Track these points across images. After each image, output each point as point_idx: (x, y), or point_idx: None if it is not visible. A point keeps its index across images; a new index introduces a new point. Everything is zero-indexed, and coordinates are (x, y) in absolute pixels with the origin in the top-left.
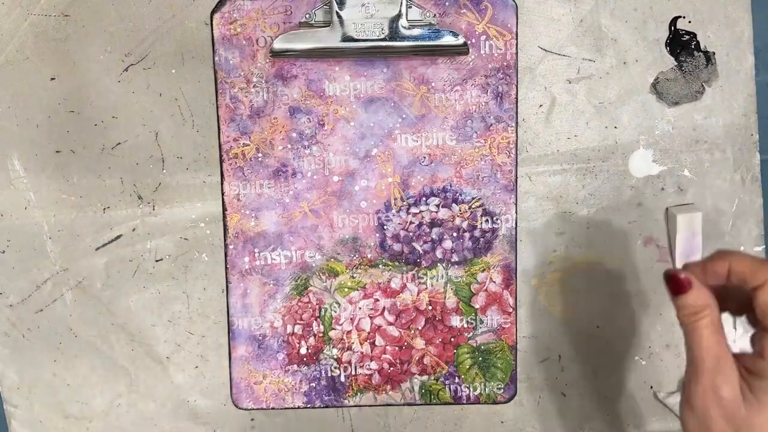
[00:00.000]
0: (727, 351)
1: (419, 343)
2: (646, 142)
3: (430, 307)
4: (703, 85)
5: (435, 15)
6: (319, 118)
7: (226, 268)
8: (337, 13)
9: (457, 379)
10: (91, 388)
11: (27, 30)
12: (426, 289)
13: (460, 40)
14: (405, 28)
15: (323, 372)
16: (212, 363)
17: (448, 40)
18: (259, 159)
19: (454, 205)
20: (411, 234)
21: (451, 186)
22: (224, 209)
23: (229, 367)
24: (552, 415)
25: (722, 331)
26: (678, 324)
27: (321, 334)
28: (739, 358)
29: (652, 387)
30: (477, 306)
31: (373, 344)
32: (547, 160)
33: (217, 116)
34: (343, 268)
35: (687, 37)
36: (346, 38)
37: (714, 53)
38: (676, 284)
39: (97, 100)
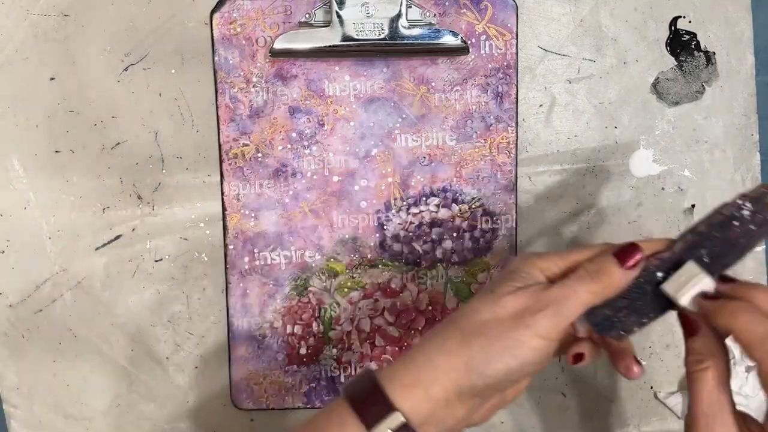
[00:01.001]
0: (728, 411)
1: None
2: (646, 142)
3: (430, 308)
4: (703, 85)
5: (435, 15)
6: (318, 118)
7: (226, 268)
8: (336, 12)
9: None
10: (91, 388)
11: (26, 30)
12: (426, 289)
13: (460, 40)
14: (405, 27)
15: (323, 372)
16: (212, 363)
17: (447, 39)
18: (259, 159)
19: (454, 205)
20: (411, 234)
21: (451, 186)
22: (224, 209)
23: (229, 367)
24: (552, 415)
25: (726, 386)
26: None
27: (321, 335)
28: (746, 419)
29: (652, 387)
30: None
31: (372, 344)
32: (547, 160)
33: (217, 116)
34: (343, 268)
35: (687, 37)
36: (346, 38)
37: (714, 53)
38: (687, 324)
39: (97, 100)
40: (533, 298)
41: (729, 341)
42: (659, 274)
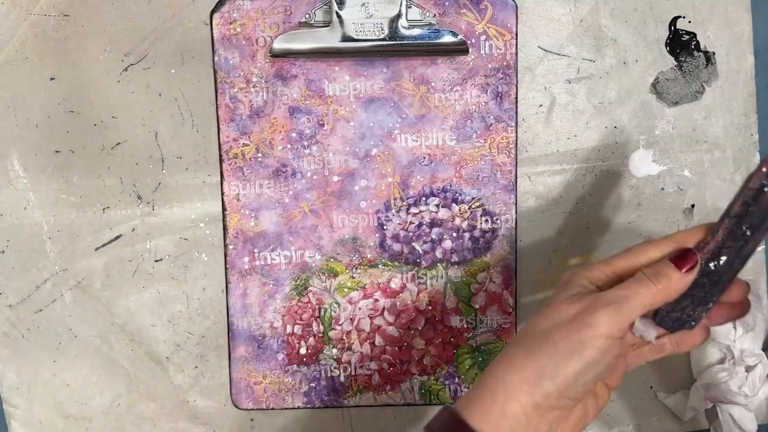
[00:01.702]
0: None
1: (419, 343)
2: (646, 142)
3: (429, 308)
4: (702, 85)
5: (435, 15)
6: (318, 118)
7: (226, 268)
8: (336, 13)
9: (457, 379)
10: (90, 388)
11: (26, 30)
12: (426, 289)
13: (460, 40)
14: (405, 28)
15: (323, 372)
16: (212, 363)
17: (447, 39)
18: (259, 159)
19: (453, 205)
20: (411, 234)
21: (450, 186)
22: (224, 209)
23: (229, 367)
24: None
25: None
26: None
27: (321, 335)
28: None
29: (652, 387)
30: (477, 306)
31: (372, 344)
32: (547, 160)
33: (217, 116)
34: (343, 268)
35: (687, 37)
36: (346, 38)
37: (714, 53)
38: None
39: (97, 100)
40: (590, 299)
41: (730, 342)
42: (711, 265)
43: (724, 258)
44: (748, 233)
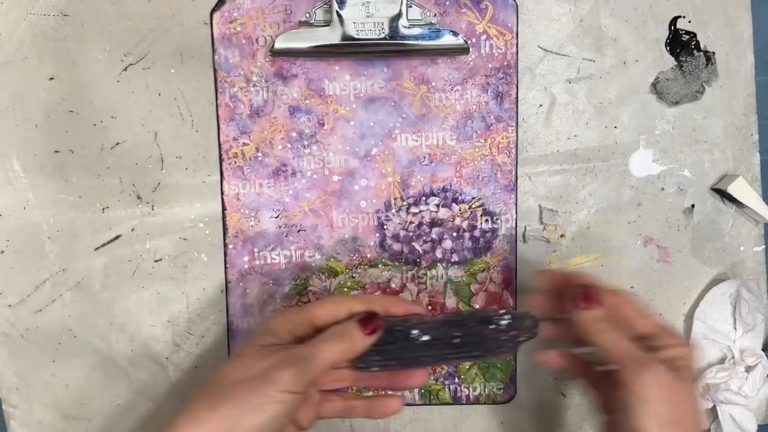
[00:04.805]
0: None
1: None
2: (646, 141)
3: (429, 308)
4: (703, 85)
5: (435, 14)
6: (318, 118)
7: (226, 268)
8: (337, 12)
9: (456, 380)
10: (90, 388)
11: (26, 29)
12: (426, 289)
13: (461, 40)
14: (405, 27)
15: None
16: (212, 363)
17: (448, 39)
18: (259, 158)
19: (454, 204)
20: (411, 234)
21: (451, 186)
22: (223, 209)
23: None
24: (552, 415)
25: None
26: (677, 323)
27: None
28: None
29: None
30: (477, 306)
31: None
32: (547, 160)
33: (217, 116)
34: (343, 267)
35: (687, 36)
36: (346, 37)
37: (714, 53)
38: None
39: (96, 100)
40: (280, 356)
41: (730, 342)
42: (414, 332)
43: (425, 336)
44: (456, 340)
